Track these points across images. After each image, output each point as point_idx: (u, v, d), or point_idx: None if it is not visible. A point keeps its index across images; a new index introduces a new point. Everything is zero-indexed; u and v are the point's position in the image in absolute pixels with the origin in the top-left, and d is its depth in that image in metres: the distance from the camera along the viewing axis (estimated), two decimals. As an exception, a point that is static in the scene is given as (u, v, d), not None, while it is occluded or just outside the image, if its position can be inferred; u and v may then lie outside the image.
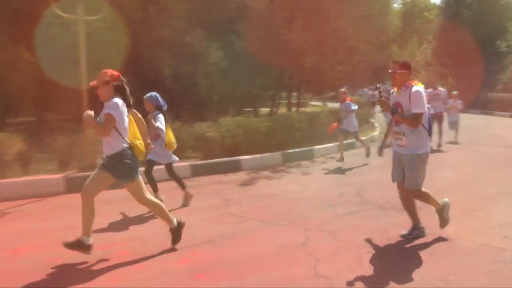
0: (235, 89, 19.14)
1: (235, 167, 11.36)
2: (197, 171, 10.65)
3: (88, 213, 5.29)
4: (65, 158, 10.04)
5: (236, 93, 19.95)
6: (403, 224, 6.16)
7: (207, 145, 11.63)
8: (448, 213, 5.94)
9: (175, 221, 5.63)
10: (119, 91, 5.35)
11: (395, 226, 6.30)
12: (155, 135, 7.24)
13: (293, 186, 9.51)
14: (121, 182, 5.39)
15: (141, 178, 5.50)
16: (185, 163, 10.59)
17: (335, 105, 20.83)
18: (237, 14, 19.23)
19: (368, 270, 4.80)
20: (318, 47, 18.68)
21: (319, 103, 35.77)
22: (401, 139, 5.56)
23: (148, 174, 7.46)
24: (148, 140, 6.26)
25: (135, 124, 5.57)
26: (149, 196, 5.62)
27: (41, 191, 8.82)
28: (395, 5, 49.27)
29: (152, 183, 7.52)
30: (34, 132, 12.54)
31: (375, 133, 18.03)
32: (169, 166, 7.77)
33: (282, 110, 24.75)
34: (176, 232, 5.62)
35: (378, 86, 5.79)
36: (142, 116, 5.93)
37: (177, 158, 7.83)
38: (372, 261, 5.02)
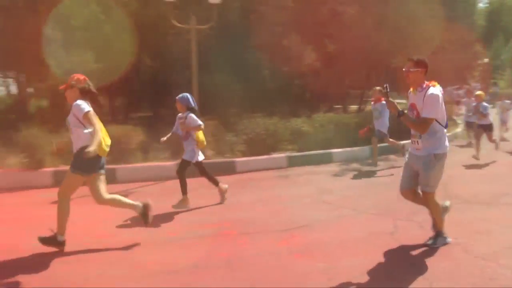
0: (326, 88, 18.95)
1: (327, 159, 11.19)
2: (293, 162, 10.63)
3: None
4: (177, 148, 10.37)
5: (327, 92, 19.76)
6: (491, 219, 5.80)
7: (302, 138, 11.58)
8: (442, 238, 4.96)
9: (140, 204, 5.39)
10: (85, 93, 5.16)
11: (482, 220, 5.88)
12: (185, 135, 6.90)
13: (382, 178, 9.24)
14: (72, 172, 5.12)
15: (101, 178, 5.24)
16: (282, 155, 10.62)
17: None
18: (329, 19, 18.99)
19: (457, 260, 4.51)
20: (405, 47, 18.04)
21: (403, 101, 34.53)
22: (417, 142, 4.76)
23: (180, 174, 6.88)
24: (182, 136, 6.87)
25: (100, 123, 5.16)
26: (104, 195, 5.19)
27: (157, 175, 9.26)
28: (481, 5, 46.02)
29: (183, 184, 6.89)
30: (152, 125, 13.10)
31: (458, 130, 17.10)
32: (199, 165, 7.09)
33: (369, 107, 24.26)
34: (145, 214, 5.37)
35: (385, 85, 4.85)
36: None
37: (203, 157, 7.17)
38: (462, 253, 4.72)
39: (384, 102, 10.08)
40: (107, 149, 5.18)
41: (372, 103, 11.07)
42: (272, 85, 17.18)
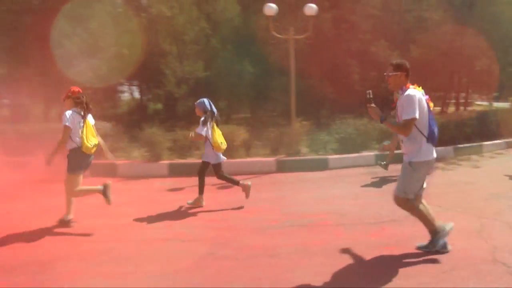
0: (410, 90, 18.23)
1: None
2: (381, 160, 10.21)
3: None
4: (276, 145, 10.42)
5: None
6: None
7: (389, 138, 11.10)
8: (441, 240, 4.27)
9: (100, 187, 5.53)
10: (78, 103, 5.49)
11: None
12: (204, 137, 6.42)
13: (465, 177, 8.54)
14: (69, 174, 5.43)
15: (80, 178, 5.50)
16: (371, 153, 10.25)
17: (501, 104, 18.50)
18: (414, 25, 18.21)
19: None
20: (489, 50, 16.79)
21: (485, 103, 32.08)
22: (402, 146, 4.32)
23: (199, 174, 6.48)
24: None
25: (90, 127, 5.58)
26: (78, 191, 5.49)
27: (259, 169, 9.31)
28: None
29: (201, 184, 6.49)
30: (251, 125, 13.30)
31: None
32: (216, 167, 6.54)
33: (451, 109, 22.92)
34: (105, 193, 5.48)
35: (368, 92, 4.36)
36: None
37: (224, 158, 6.68)
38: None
39: None
40: (93, 148, 5.55)
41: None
42: (361, 89, 16.73)
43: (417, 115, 4.00)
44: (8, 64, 17.57)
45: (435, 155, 4.26)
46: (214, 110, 6.52)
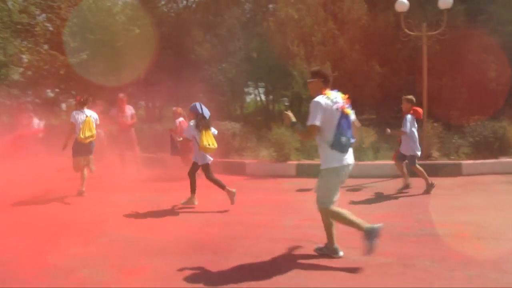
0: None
1: None
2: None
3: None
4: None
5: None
6: None
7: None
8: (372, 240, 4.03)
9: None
10: (82, 103, 7.57)
11: None
12: (192, 138, 6.62)
13: None
14: (74, 157, 7.50)
15: (79, 160, 7.51)
16: (510, 160, 9.29)
17: None
18: None
19: None
20: None
21: None
22: None
23: (190, 174, 6.67)
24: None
25: (89, 123, 7.40)
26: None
27: (386, 173, 9.01)
28: None
29: (192, 183, 6.70)
30: (376, 126, 12.86)
31: None
32: (204, 167, 6.66)
33: None
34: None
35: (283, 99, 3.96)
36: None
37: (211, 159, 6.72)
38: None
39: (409, 115, 7.51)
40: (86, 139, 7.32)
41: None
42: (498, 87, 15.13)
43: (317, 123, 4.03)
44: (145, 70, 19.39)
45: (346, 162, 4.17)
46: (206, 113, 6.64)
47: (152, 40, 18.03)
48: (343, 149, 4.14)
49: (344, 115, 4.18)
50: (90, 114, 7.55)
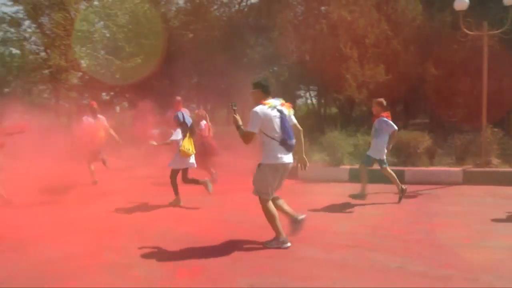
0: None
1: None
2: None
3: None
4: (462, 154, 9.66)
5: None
6: None
7: None
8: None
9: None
10: (91, 111, 9.09)
11: None
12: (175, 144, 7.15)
13: None
14: None
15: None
16: None
17: None
18: None
19: None
20: None
21: None
22: None
23: (171, 177, 7.22)
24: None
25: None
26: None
27: (442, 179, 8.76)
28: None
29: (173, 185, 7.23)
30: (432, 131, 12.52)
31: None
32: (184, 171, 7.24)
33: None
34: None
35: (231, 104, 4.98)
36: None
37: (192, 164, 7.24)
38: None
39: (384, 117, 7.24)
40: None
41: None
42: None
43: (253, 130, 4.63)
44: (198, 74, 19.84)
45: (283, 161, 4.72)
46: (188, 121, 7.22)
47: (205, 44, 18.45)
48: (287, 149, 4.73)
49: (284, 119, 4.72)
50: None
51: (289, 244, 4.81)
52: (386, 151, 7.21)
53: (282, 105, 4.79)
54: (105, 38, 19.54)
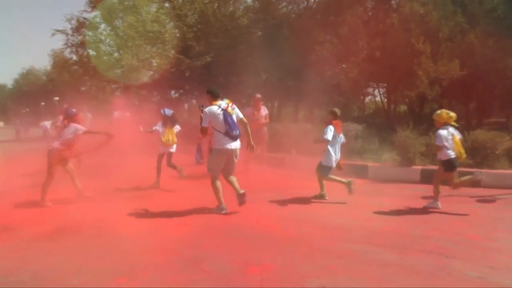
0: None
1: None
2: None
3: None
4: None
5: None
6: None
7: None
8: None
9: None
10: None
11: None
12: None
13: None
14: None
15: None
16: None
17: None
18: None
19: None
20: None
21: None
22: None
23: (157, 162, 8.71)
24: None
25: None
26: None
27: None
28: None
29: (158, 169, 8.69)
30: (510, 131, 11.72)
31: None
32: (168, 156, 8.77)
33: None
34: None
35: (200, 106, 6.51)
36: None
37: (171, 150, 8.77)
38: None
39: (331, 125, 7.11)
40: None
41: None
42: None
43: (205, 125, 6.13)
44: (266, 71, 19.92)
45: (230, 147, 6.17)
46: (168, 113, 8.75)
47: (273, 41, 18.52)
48: (231, 137, 6.10)
49: (228, 115, 6.08)
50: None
51: (225, 211, 6.30)
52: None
53: (227, 104, 6.14)
54: (175, 38, 20.22)
